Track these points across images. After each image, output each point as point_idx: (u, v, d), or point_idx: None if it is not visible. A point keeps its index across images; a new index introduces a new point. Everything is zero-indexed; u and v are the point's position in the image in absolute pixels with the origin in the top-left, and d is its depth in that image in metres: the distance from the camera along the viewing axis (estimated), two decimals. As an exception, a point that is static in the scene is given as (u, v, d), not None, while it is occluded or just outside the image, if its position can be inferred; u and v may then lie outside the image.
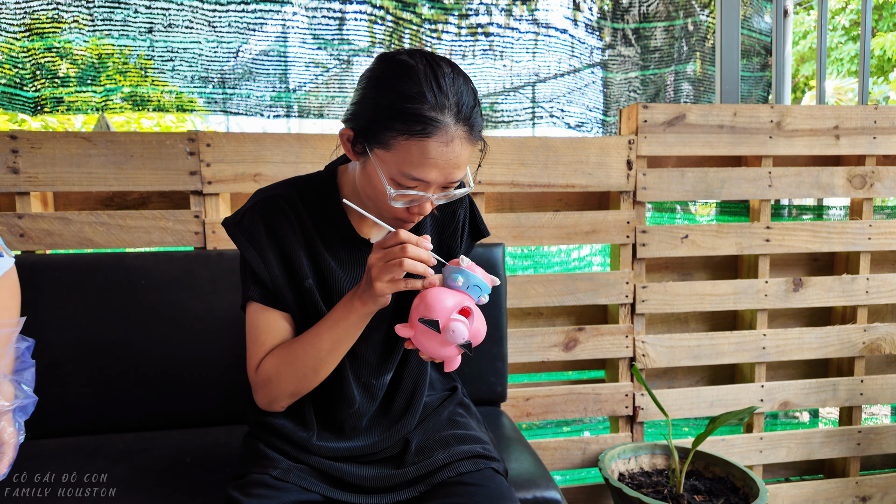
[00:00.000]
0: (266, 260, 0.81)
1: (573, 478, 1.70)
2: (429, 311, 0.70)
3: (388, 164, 0.72)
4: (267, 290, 0.82)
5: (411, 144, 0.70)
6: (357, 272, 0.85)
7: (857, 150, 1.62)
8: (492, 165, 1.46)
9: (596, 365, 1.69)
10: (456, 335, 0.70)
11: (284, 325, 0.83)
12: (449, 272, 0.74)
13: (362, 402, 0.87)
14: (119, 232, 1.32)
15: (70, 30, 1.74)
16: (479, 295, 0.74)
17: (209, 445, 1.13)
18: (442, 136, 0.70)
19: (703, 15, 2.38)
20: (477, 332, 0.73)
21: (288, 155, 1.37)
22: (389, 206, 0.75)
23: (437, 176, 0.72)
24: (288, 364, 0.79)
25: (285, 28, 1.92)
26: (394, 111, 0.70)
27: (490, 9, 2.10)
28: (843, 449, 1.70)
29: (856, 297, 1.66)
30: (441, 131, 0.70)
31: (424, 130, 0.69)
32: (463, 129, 0.72)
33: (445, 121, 0.70)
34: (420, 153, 0.70)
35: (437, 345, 0.71)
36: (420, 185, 0.73)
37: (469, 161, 0.76)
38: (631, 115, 1.55)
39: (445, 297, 0.71)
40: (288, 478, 0.79)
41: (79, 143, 1.29)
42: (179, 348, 1.20)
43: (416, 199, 0.75)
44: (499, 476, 0.83)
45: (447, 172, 0.73)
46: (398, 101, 0.70)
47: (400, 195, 0.73)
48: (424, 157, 0.70)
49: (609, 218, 1.53)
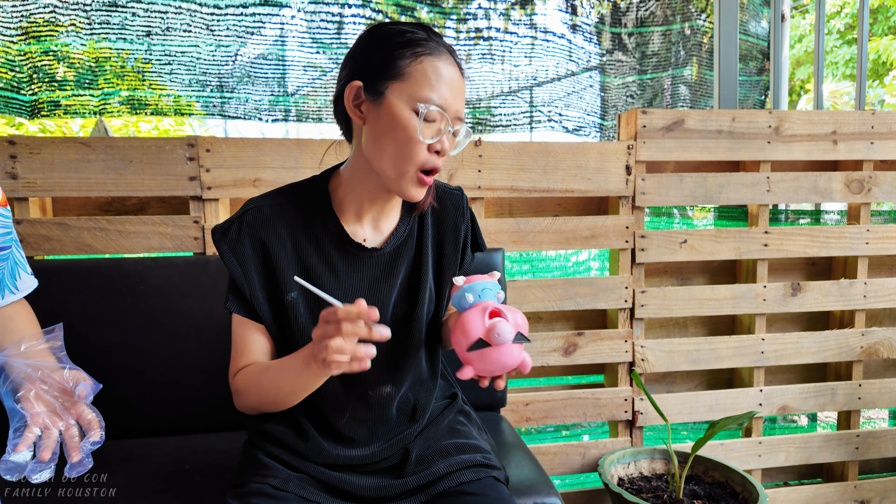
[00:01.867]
0: (247, 273, 0.82)
1: (573, 483, 1.70)
2: (467, 337, 0.71)
3: (407, 93, 0.75)
4: (245, 301, 0.83)
5: (426, 65, 0.75)
6: (352, 276, 0.84)
7: (855, 154, 1.63)
8: (491, 170, 1.46)
9: (595, 370, 1.69)
10: (503, 334, 0.69)
11: (261, 339, 0.85)
12: (457, 298, 0.75)
13: (356, 411, 0.86)
14: (118, 237, 1.31)
15: (67, 33, 1.73)
16: (493, 295, 0.75)
17: (208, 451, 1.13)
18: (446, 60, 0.77)
19: (700, 19, 2.39)
20: (517, 322, 0.73)
21: (287, 160, 1.37)
22: (410, 152, 0.76)
23: (451, 99, 0.76)
24: (255, 389, 0.81)
25: (283, 32, 1.92)
26: (401, 44, 0.75)
27: (488, 13, 2.10)
28: (842, 453, 1.71)
29: (854, 302, 1.66)
30: (445, 56, 0.77)
31: (431, 50, 0.76)
32: (455, 60, 0.79)
33: (442, 48, 0.77)
34: (435, 72, 0.75)
35: (498, 357, 0.71)
36: (439, 113, 0.75)
37: None
38: (630, 120, 1.55)
39: (471, 315, 0.72)
40: (287, 487, 0.79)
41: (78, 148, 1.28)
42: (178, 354, 1.19)
43: (436, 132, 0.76)
44: (500, 484, 0.82)
45: (459, 103, 0.77)
46: (401, 35, 0.76)
47: (425, 126, 0.75)
48: (439, 76, 0.75)
49: (608, 223, 1.53)
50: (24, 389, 0.75)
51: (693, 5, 2.37)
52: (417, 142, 0.75)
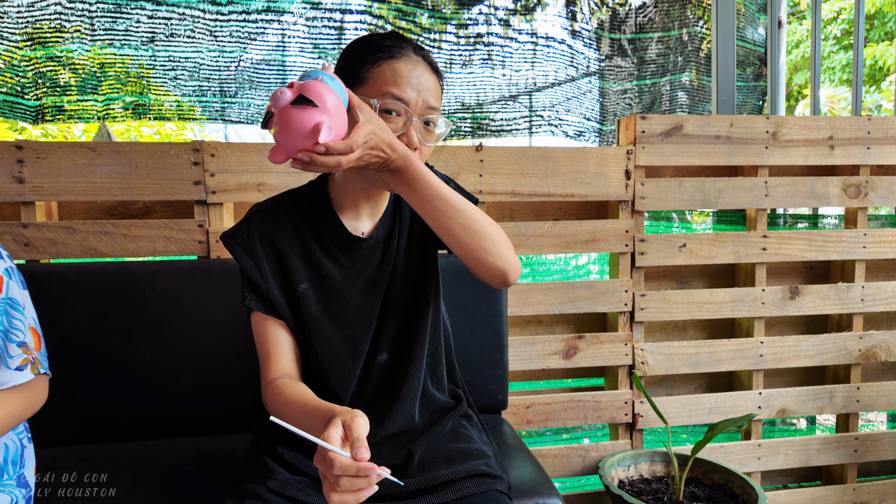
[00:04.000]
0: (261, 268, 0.85)
1: (573, 485, 1.71)
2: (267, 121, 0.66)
3: (367, 96, 0.79)
4: (263, 297, 0.85)
5: (383, 68, 0.79)
6: (354, 269, 0.88)
7: (852, 160, 1.65)
8: (492, 175, 1.48)
9: (595, 372, 1.70)
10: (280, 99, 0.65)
11: (284, 336, 0.86)
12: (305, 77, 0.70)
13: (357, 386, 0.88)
14: (123, 241, 1.32)
15: (72, 39, 1.75)
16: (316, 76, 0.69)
17: (213, 453, 1.14)
18: (408, 59, 0.80)
19: (697, 26, 2.41)
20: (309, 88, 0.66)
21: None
22: None
23: (413, 95, 0.79)
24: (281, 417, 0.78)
25: (285, 37, 1.94)
26: (363, 52, 0.81)
27: (489, 18, 2.12)
28: (841, 456, 1.72)
29: (851, 305, 1.68)
30: (405, 55, 0.80)
31: (390, 53, 0.80)
32: (423, 59, 0.81)
33: (406, 49, 0.81)
34: (392, 73, 0.79)
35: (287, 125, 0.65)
36: (401, 105, 0.79)
37: (438, 95, 0.83)
38: (629, 125, 1.57)
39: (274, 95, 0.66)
40: (285, 490, 0.80)
41: (84, 153, 1.30)
42: (183, 357, 1.20)
43: (400, 125, 0.79)
44: (503, 497, 0.83)
45: (421, 94, 0.79)
46: (365, 45, 0.81)
47: (388, 121, 0.78)
48: (397, 75, 0.79)
49: (608, 227, 1.55)
50: None
51: (691, 12, 2.40)
52: None
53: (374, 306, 0.89)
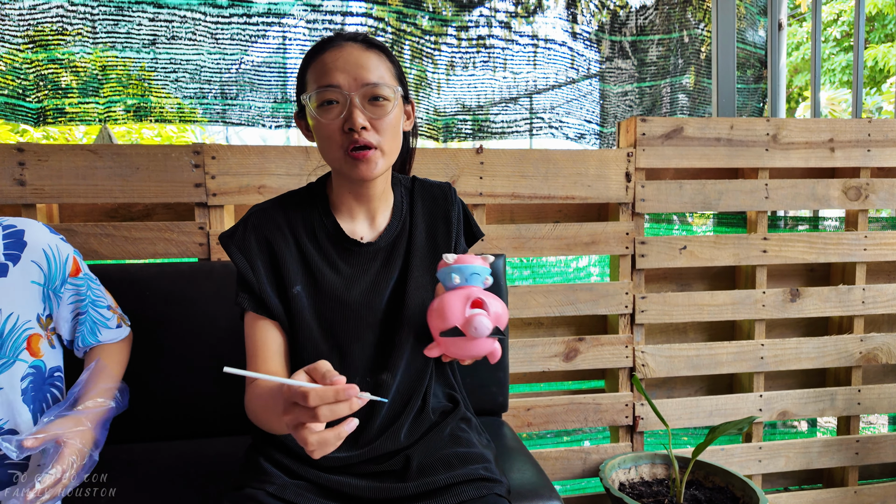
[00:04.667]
0: (255, 268, 0.85)
1: (573, 488, 1.71)
2: (444, 322, 0.69)
3: (310, 93, 0.81)
4: (255, 297, 0.85)
5: (314, 66, 0.81)
6: (352, 272, 0.87)
7: (852, 162, 1.65)
8: (493, 177, 1.48)
9: (596, 375, 1.70)
10: (480, 329, 0.67)
11: (274, 335, 0.86)
12: (443, 276, 0.73)
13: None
14: (124, 243, 1.32)
15: (74, 42, 1.75)
16: (481, 281, 0.72)
17: (212, 455, 1.14)
18: (334, 47, 0.81)
19: (698, 28, 2.42)
20: (498, 316, 0.71)
21: (292, 167, 1.38)
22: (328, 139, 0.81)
23: (343, 77, 0.79)
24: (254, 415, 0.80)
25: (286, 40, 1.94)
26: (304, 60, 0.84)
27: (490, 21, 2.13)
28: (842, 458, 1.72)
29: (852, 308, 1.67)
30: (333, 45, 0.81)
31: (320, 49, 0.81)
32: (353, 41, 0.81)
33: (336, 40, 0.82)
34: (321, 66, 0.80)
35: (469, 346, 0.69)
36: (334, 91, 0.79)
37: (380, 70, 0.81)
38: (629, 128, 1.57)
39: (453, 299, 0.70)
40: (284, 494, 0.79)
41: (85, 155, 1.30)
42: (183, 359, 1.20)
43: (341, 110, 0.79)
44: (503, 501, 0.82)
45: (352, 73, 0.79)
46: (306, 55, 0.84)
47: (324, 111, 0.80)
48: (324, 66, 0.80)
49: (608, 229, 1.55)
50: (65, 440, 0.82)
51: (691, 14, 2.40)
52: (327, 128, 0.80)
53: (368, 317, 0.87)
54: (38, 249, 0.87)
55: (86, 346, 0.97)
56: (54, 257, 0.88)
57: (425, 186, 0.96)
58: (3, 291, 0.83)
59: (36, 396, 0.88)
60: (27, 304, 0.85)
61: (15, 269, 0.84)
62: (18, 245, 0.85)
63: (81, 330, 0.95)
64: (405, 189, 0.95)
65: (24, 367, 0.86)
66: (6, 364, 0.84)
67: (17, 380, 0.85)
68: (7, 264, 0.83)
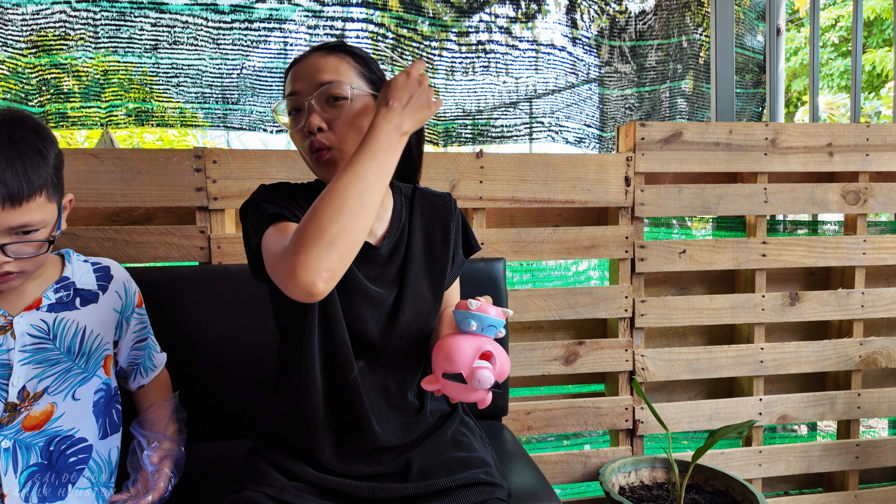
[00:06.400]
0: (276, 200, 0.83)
1: (574, 491, 1.70)
2: (450, 365, 0.70)
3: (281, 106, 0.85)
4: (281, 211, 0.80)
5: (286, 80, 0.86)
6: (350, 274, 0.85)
7: (851, 166, 1.66)
8: (493, 181, 1.49)
9: (596, 378, 1.70)
10: (483, 383, 0.69)
11: None
12: (461, 318, 0.74)
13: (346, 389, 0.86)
14: (125, 247, 1.33)
15: (76, 47, 1.76)
16: (494, 333, 0.74)
17: (212, 459, 1.14)
18: (301, 60, 0.84)
19: (697, 33, 2.43)
20: (501, 370, 0.73)
21: (293, 171, 1.39)
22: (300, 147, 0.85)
23: (301, 84, 0.82)
24: (330, 206, 0.67)
25: (287, 45, 1.95)
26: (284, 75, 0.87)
27: (490, 26, 2.14)
28: (842, 462, 1.72)
29: (852, 312, 1.68)
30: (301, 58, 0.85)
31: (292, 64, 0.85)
32: (318, 49, 0.84)
33: (306, 55, 0.85)
34: (288, 79, 0.85)
35: (467, 394, 0.72)
36: (295, 99, 0.83)
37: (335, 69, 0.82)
38: (629, 132, 1.58)
39: (463, 346, 0.71)
40: (283, 496, 0.80)
41: (86, 159, 1.31)
42: (184, 363, 1.21)
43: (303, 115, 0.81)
44: None
45: (309, 78, 0.82)
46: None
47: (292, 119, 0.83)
48: (289, 78, 0.85)
49: (608, 233, 1.55)
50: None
51: (690, 19, 2.41)
52: (294, 136, 0.85)
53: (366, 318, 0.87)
54: (119, 282, 1.02)
55: (146, 371, 1.07)
56: (127, 290, 1.03)
57: (425, 196, 0.95)
58: (96, 315, 0.96)
59: (104, 411, 0.98)
60: (109, 327, 0.98)
61: (104, 298, 0.98)
62: (107, 278, 1.00)
63: (142, 357, 1.07)
64: (405, 198, 0.94)
65: (98, 383, 0.97)
66: (86, 378, 0.95)
67: (91, 393, 0.96)
68: (99, 293, 0.98)
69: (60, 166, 0.88)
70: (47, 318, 0.90)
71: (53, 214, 0.86)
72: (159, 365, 1.10)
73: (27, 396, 0.88)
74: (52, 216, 0.85)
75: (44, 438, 0.89)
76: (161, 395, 1.09)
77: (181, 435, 1.05)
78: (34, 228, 0.82)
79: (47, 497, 0.88)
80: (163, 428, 1.02)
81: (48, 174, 0.83)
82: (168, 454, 0.99)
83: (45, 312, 0.90)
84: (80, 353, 0.93)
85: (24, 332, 0.88)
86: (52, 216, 0.85)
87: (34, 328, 0.89)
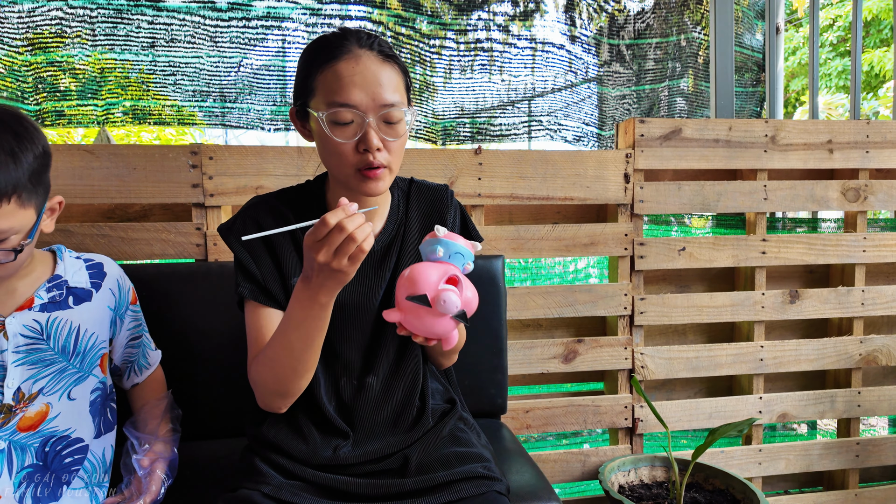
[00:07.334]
0: (257, 258, 0.85)
1: (573, 490, 1.70)
2: (414, 287, 0.67)
3: (319, 105, 0.78)
4: (258, 284, 0.84)
5: (326, 74, 0.77)
6: None
7: (851, 163, 1.65)
8: (491, 178, 1.48)
9: (595, 377, 1.69)
10: (448, 305, 0.66)
11: (277, 323, 0.84)
12: (428, 244, 0.72)
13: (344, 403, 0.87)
14: (120, 244, 1.32)
15: (73, 45, 1.75)
16: (462, 263, 0.71)
17: (208, 458, 1.13)
18: (349, 56, 0.76)
19: (695, 32, 2.43)
20: (468, 300, 0.70)
21: (289, 168, 1.38)
22: (339, 157, 0.79)
23: (361, 96, 0.76)
24: (269, 367, 0.78)
25: (285, 43, 1.94)
26: (308, 61, 0.79)
27: (488, 25, 2.13)
28: (842, 461, 1.71)
29: (852, 309, 1.67)
30: (346, 52, 0.76)
31: (331, 55, 0.76)
32: (369, 49, 0.77)
33: (349, 45, 0.77)
34: (335, 77, 0.76)
35: (431, 321, 0.68)
36: (350, 111, 0.76)
37: (396, 85, 0.79)
38: (628, 129, 1.57)
39: (429, 269, 0.69)
40: (280, 494, 0.79)
41: (82, 155, 1.30)
42: (180, 360, 1.20)
43: (356, 130, 0.77)
44: (502, 498, 0.82)
45: (370, 91, 0.76)
46: (309, 52, 0.80)
47: (338, 129, 0.77)
48: (339, 79, 0.76)
49: (607, 230, 1.55)
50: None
51: (689, 18, 2.41)
52: (339, 146, 0.78)
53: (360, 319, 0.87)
54: (113, 279, 1.00)
55: (140, 369, 1.06)
56: (121, 287, 1.01)
57: (422, 189, 0.95)
58: (89, 313, 0.94)
59: (100, 410, 0.97)
60: (103, 326, 0.97)
61: (97, 296, 0.96)
62: (100, 275, 0.98)
63: (136, 354, 1.05)
64: (401, 192, 0.94)
65: (95, 382, 0.96)
66: (82, 377, 0.94)
67: (88, 392, 0.94)
68: (92, 291, 0.96)
69: (42, 169, 0.80)
70: (40, 318, 0.89)
71: (28, 221, 0.78)
72: (154, 363, 1.08)
73: (22, 398, 0.87)
74: (24, 223, 0.78)
75: (39, 439, 0.88)
76: (156, 393, 1.07)
77: (175, 434, 1.03)
78: (1, 237, 0.76)
79: (42, 498, 0.87)
80: (155, 428, 1.01)
81: (21, 177, 0.75)
82: (160, 456, 0.97)
83: (37, 312, 0.88)
84: (74, 353, 0.92)
85: (16, 333, 0.86)
86: (24, 223, 0.78)
87: (27, 328, 0.87)
